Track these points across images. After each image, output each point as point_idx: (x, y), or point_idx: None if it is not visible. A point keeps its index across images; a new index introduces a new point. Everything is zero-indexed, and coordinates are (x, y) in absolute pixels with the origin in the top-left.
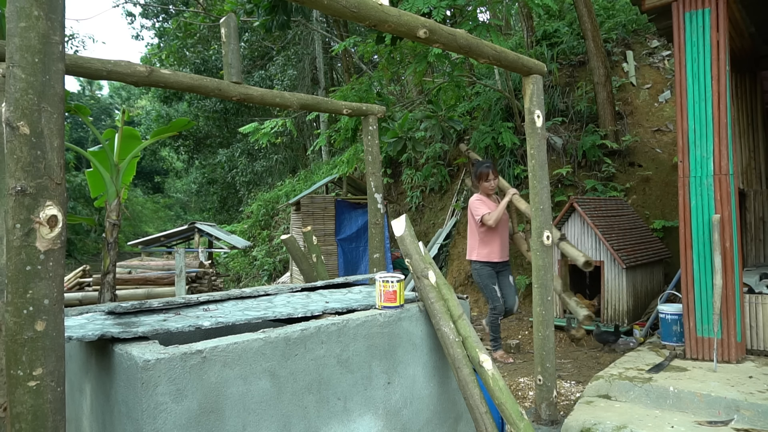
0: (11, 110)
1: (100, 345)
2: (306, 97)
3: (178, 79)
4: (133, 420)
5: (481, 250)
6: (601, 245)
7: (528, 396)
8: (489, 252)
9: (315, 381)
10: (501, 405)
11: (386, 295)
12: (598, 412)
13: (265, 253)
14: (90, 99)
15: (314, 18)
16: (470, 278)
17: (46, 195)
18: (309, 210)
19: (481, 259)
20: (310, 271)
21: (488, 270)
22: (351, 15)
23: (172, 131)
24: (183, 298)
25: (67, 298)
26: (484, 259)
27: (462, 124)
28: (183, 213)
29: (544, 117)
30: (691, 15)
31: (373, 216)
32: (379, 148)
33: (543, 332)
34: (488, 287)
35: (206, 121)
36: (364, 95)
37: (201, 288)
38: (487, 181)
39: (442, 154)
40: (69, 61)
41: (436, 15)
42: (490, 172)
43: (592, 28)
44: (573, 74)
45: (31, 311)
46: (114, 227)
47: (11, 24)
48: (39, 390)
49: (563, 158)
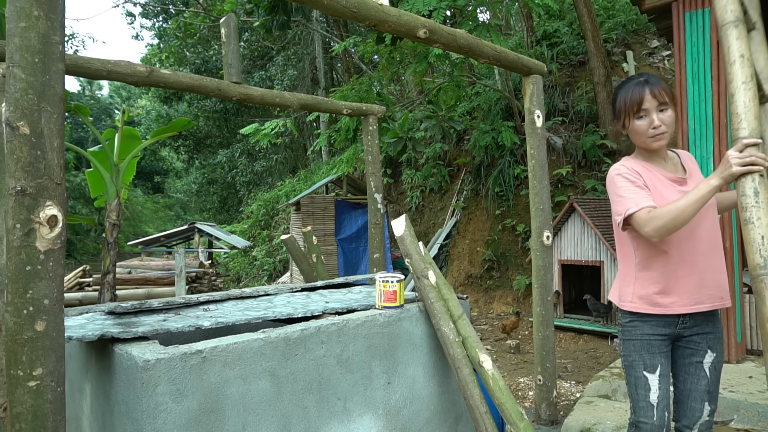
0: (11, 110)
1: (100, 345)
2: (306, 97)
3: (178, 79)
4: (133, 420)
5: (637, 285)
6: (601, 245)
7: (528, 396)
8: (653, 290)
9: (315, 381)
10: (501, 405)
11: (386, 295)
12: (598, 412)
13: (265, 253)
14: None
15: (314, 18)
16: (470, 278)
17: (46, 195)
18: (309, 210)
19: (634, 309)
20: (310, 271)
21: (641, 331)
22: (351, 15)
23: (172, 131)
24: (183, 298)
25: (67, 298)
26: (637, 308)
27: (462, 124)
28: (183, 213)
29: (544, 117)
30: (691, 15)
31: (373, 216)
32: (379, 148)
33: (543, 332)
34: (631, 372)
35: (206, 121)
36: (364, 95)
37: (201, 288)
38: (638, 116)
39: (442, 154)
40: (69, 61)
41: (436, 16)
42: (647, 93)
43: (592, 28)
44: (573, 74)
45: (31, 311)
46: (114, 227)
47: (11, 24)
48: (39, 390)
49: (563, 158)
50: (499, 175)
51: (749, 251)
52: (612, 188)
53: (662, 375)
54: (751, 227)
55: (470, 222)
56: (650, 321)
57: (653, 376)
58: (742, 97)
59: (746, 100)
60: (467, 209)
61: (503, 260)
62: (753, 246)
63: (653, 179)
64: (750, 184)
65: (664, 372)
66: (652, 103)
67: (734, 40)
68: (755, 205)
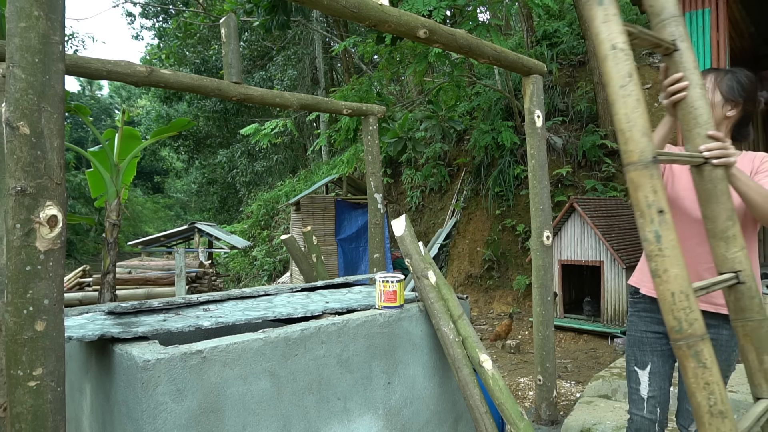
0: (11, 110)
1: (100, 345)
2: (306, 97)
3: (178, 79)
4: (133, 420)
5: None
6: (601, 245)
7: (528, 396)
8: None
9: (315, 381)
10: (501, 405)
11: (386, 295)
12: (598, 412)
13: (265, 253)
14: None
15: (314, 18)
16: (470, 278)
17: (46, 195)
18: (309, 210)
19: (631, 282)
20: (310, 271)
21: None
22: (351, 15)
23: (172, 131)
24: (183, 298)
25: (67, 298)
26: (633, 282)
27: (462, 124)
28: (183, 213)
29: (544, 117)
30: (691, 15)
31: (373, 216)
32: (379, 148)
33: (543, 332)
34: (627, 365)
35: (206, 121)
36: (364, 95)
37: (201, 288)
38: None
39: (442, 154)
40: (69, 61)
41: (436, 16)
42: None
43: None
44: (573, 74)
45: (31, 311)
46: (114, 227)
47: (11, 24)
48: (39, 390)
49: (563, 158)
50: (499, 175)
51: (662, 310)
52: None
53: (653, 372)
54: (659, 282)
55: (470, 222)
56: (645, 317)
57: (643, 372)
58: (623, 108)
59: (627, 111)
60: (467, 209)
61: (503, 260)
62: (664, 305)
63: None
64: (650, 227)
65: (655, 370)
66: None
67: (602, 24)
68: (659, 254)
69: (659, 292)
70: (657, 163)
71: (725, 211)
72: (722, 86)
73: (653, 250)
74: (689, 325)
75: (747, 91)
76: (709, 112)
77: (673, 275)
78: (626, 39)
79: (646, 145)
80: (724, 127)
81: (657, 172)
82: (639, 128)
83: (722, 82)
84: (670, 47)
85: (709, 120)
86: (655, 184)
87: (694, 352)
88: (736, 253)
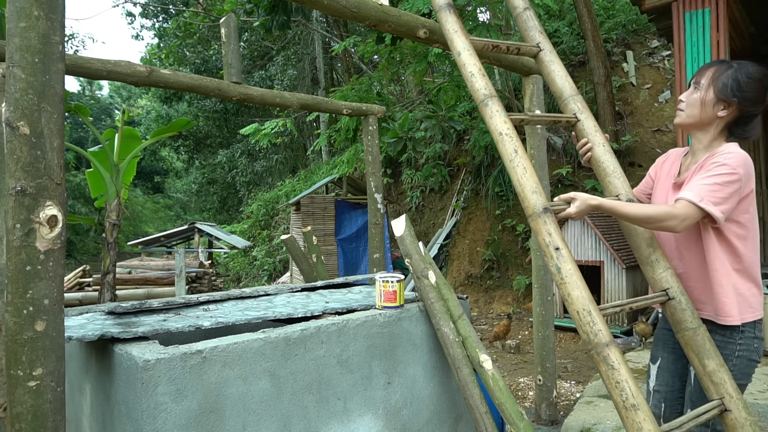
0: (11, 110)
1: (100, 345)
2: (306, 97)
3: (178, 79)
4: (133, 420)
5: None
6: (601, 245)
7: (528, 396)
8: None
9: (315, 381)
10: (501, 405)
11: (386, 295)
12: (598, 412)
13: (265, 253)
14: (90, 99)
15: (314, 18)
16: (470, 278)
17: (46, 195)
18: (309, 210)
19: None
20: (310, 271)
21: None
22: (351, 15)
23: (172, 131)
24: (183, 298)
25: (67, 298)
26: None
27: (462, 124)
28: (183, 213)
29: None
30: (691, 15)
31: (373, 216)
32: (379, 148)
33: (543, 332)
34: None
35: (206, 121)
36: (364, 95)
37: (201, 288)
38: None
39: (442, 154)
40: (69, 61)
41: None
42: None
43: (592, 28)
44: (573, 74)
45: (31, 311)
46: (114, 227)
47: (11, 24)
48: (39, 390)
49: (563, 158)
50: (499, 175)
51: (577, 328)
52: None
53: (661, 368)
54: (568, 304)
55: (470, 222)
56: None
57: (654, 366)
58: (515, 176)
59: (518, 177)
60: (467, 209)
61: (503, 260)
62: (576, 322)
63: (664, 174)
64: (552, 262)
65: (664, 365)
66: (695, 79)
67: (490, 119)
68: (562, 282)
69: (570, 313)
70: (548, 212)
71: (644, 241)
72: (717, 83)
73: (558, 279)
74: (594, 335)
75: (744, 90)
76: (615, 162)
77: (575, 297)
78: (510, 127)
79: (537, 200)
80: (715, 127)
81: (550, 219)
82: (529, 188)
83: (718, 80)
84: (572, 120)
85: (616, 170)
86: (549, 228)
87: (602, 357)
88: (662, 273)
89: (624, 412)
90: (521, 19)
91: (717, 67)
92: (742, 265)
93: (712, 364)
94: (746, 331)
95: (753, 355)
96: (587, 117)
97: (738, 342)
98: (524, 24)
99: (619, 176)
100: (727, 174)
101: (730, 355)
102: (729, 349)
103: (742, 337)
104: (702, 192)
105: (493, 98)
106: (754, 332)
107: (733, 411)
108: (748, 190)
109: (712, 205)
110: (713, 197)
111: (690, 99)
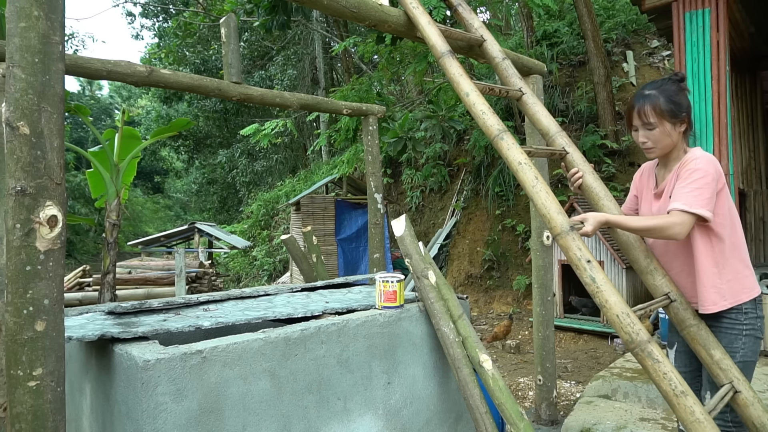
0: (11, 110)
1: (100, 345)
2: (306, 97)
3: (178, 79)
4: (133, 420)
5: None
6: (601, 245)
7: (528, 396)
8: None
9: (315, 381)
10: (501, 405)
11: (386, 295)
12: (598, 412)
13: (265, 253)
14: (90, 99)
15: (314, 18)
16: (470, 278)
17: (46, 195)
18: (309, 210)
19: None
20: (310, 271)
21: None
22: (351, 15)
23: (172, 131)
24: (183, 298)
25: (67, 298)
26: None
27: (462, 124)
28: (183, 213)
29: None
30: (691, 15)
31: (373, 216)
32: (379, 148)
33: (543, 332)
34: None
35: (206, 121)
36: (364, 95)
37: (201, 288)
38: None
39: (442, 154)
40: (69, 61)
41: (436, 15)
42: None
43: (592, 28)
44: (573, 74)
45: (31, 311)
46: (114, 227)
47: (11, 24)
48: (39, 390)
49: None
50: (499, 175)
51: (617, 330)
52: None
53: (679, 351)
54: (605, 310)
55: (470, 222)
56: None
57: (671, 351)
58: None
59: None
60: (467, 209)
61: (503, 260)
62: (615, 326)
63: (644, 187)
64: (586, 274)
65: (681, 348)
66: (638, 122)
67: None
68: (598, 290)
69: (609, 318)
70: (573, 230)
71: (642, 253)
72: (665, 113)
73: (593, 289)
74: (636, 334)
75: (681, 102)
76: (604, 188)
77: (613, 302)
78: (527, 157)
79: (563, 220)
80: (680, 141)
81: (576, 236)
82: (554, 210)
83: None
84: (562, 153)
85: (607, 194)
86: (578, 244)
87: (647, 353)
88: (661, 280)
89: (675, 399)
90: (501, 68)
91: (650, 103)
92: (731, 251)
93: (717, 353)
94: (749, 311)
95: (758, 333)
96: (574, 150)
97: (743, 322)
98: (504, 72)
99: (611, 199)
100: (701, 178)
101: (738, 335)
102: (737, 329)
103: (747, 318)
104: (688, 199)
105: (506, 132)
106: (755, 311)
107: (742, 392)
108: (721, 185)
109: (700, 208)
110: (699, 201)
111: (654, 136)
